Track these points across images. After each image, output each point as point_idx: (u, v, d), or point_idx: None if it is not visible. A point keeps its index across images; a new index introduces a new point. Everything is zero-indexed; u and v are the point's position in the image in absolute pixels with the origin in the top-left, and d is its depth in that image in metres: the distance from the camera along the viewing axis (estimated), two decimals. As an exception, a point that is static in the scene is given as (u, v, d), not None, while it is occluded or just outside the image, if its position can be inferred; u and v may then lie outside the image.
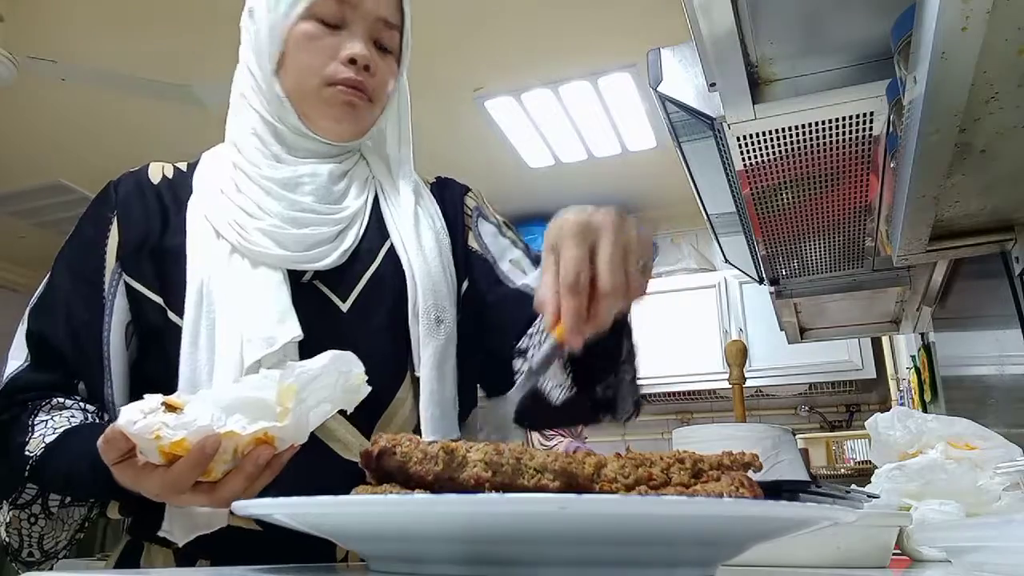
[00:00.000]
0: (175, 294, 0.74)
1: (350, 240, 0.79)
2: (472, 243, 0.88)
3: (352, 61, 0.78)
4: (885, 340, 3.43)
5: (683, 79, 1.20)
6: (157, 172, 0.85)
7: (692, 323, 3.80)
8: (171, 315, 0.74)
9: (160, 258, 0.77)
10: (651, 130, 3.52)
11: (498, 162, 3.77)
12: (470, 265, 0.87)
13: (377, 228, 0.83)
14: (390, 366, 0.76)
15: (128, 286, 0.77)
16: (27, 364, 0.75)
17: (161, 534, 0.68)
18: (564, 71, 3.11)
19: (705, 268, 4.02)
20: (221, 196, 0.78)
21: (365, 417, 0.71)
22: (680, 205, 4.10)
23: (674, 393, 3.86)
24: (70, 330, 0.76)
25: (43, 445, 0.68)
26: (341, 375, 0.58)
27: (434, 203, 0.88)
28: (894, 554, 0.76)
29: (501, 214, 0.94)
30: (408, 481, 0.41)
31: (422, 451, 0.40)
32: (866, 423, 1.03)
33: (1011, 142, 0.84)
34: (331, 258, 0.77)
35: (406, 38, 0.87)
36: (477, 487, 0.37)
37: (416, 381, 0.76)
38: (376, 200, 0.85)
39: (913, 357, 2.58)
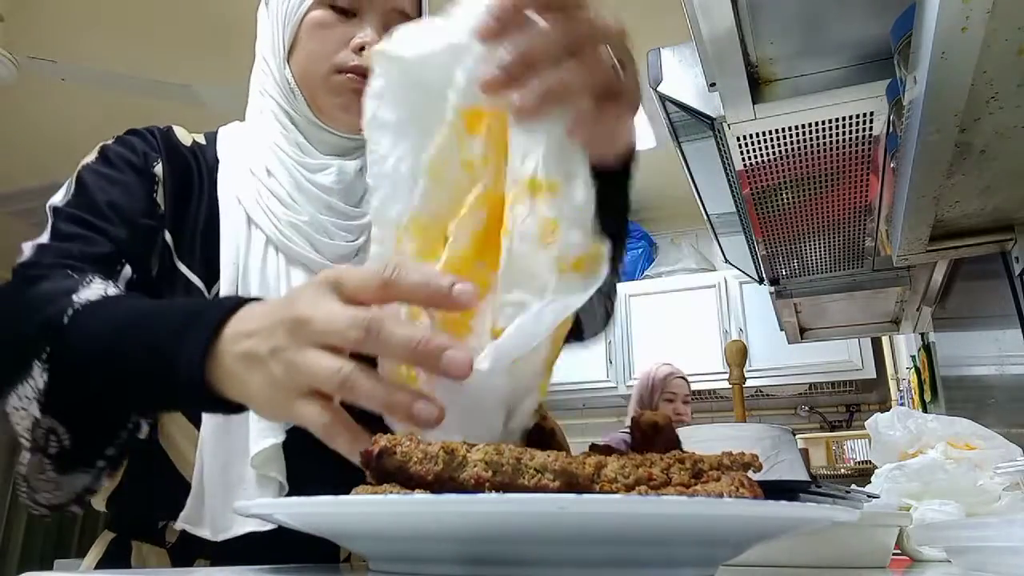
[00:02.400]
0: (204, 266, 0.71)
1: (365, 251, 0.78)
2: None
3: (362, 49, 0.75)
4: (885, 340, 3.44)
5: (683, 79, 1.20)
6: (185, 136, 0.82)
7: (692, 323, 3.80)
8: (194, 283, 0.71)
9: (193, 224, 0.74)
10: (651, 130, 3.52)
11: (498, 162, 3.77)
12: None
13: None
14: None
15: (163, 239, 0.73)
16: (54, 238, 0.65)
17: (181, 526, 0.64)
18: (564, 71, 3.11)
19: (705, 268, 4.02)
20: (252, 177, 0.75)
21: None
22: (680, 205, 4.10)
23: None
24: (119, 214, 0.68)
25: (90, 298, 0.55)
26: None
27: None
28: (894, 554, 0.76)
29: None
30: (408, 481, 0.40)
31: (422, 451, 0.40)
32: (866, 423, 1.03)
33: (1011, 142, 0.84)
34: (364, 260, 0.76)
35: None
36: (477, 487, 0.37)
37: None
38: None
39: (913, 357, 2.58)
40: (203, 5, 2.67)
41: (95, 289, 0.57)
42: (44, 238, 0.67)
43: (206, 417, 0.66)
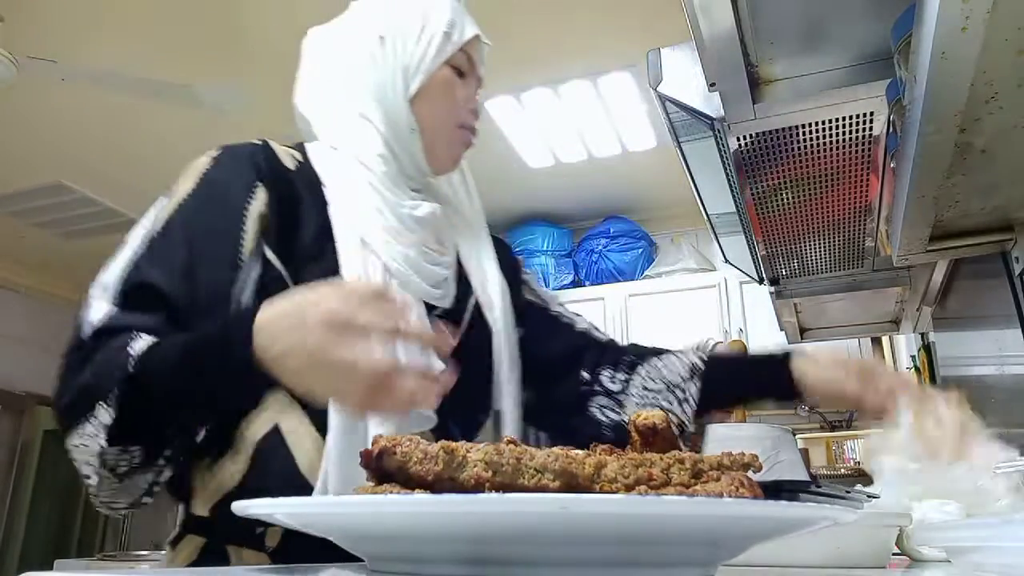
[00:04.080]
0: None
1: (453, 285, 0.86)
2: (528, 295, 1.00)
3: (475, 112, 0.91)
4: (885, 340, 3.43)
5: (683, 79, 1.20)
6: (287, 157, 0.84)
7: (692, 323, 3.80)
8: None
9: (301, 248, 0.78)
10: (651, 130, 3.52)
11: (498, 162, 3.77)
12: (525, 315, 0.97)
13: (457, 273, 0.89)
14: (481, 401, 0.86)
15: (266, 259, 0.76)
16: (119, 308, 0.70)
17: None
18: (564, 71, 3.11)
19: (705, 268, 4.01)
20: (363, 207, 0.80)
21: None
22: (680, 205, 4.10)
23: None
24: (188, 280, 0.72)
25: (148, 344, 0.64)
26: None
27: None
28: (894, 554, 0.76)
29: (501, 214, 1.09)
30: (408, 481, 0.41)
31: (422, 451, 0.40)
32: (873, 470, 1.03)
33: (1011, 142, 0.84)
34: (448, 299, 0.85)
35: None
36: (477, 487, 0.37)
37: (496, 413, 0.87)
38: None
39: (913, 357, 2.58)
40: (203, 5, 2.67)
41: (145, 339, 0.66)
42: (112, 301, 0.71)
43: (332, 420, 0.71)
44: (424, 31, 0.87)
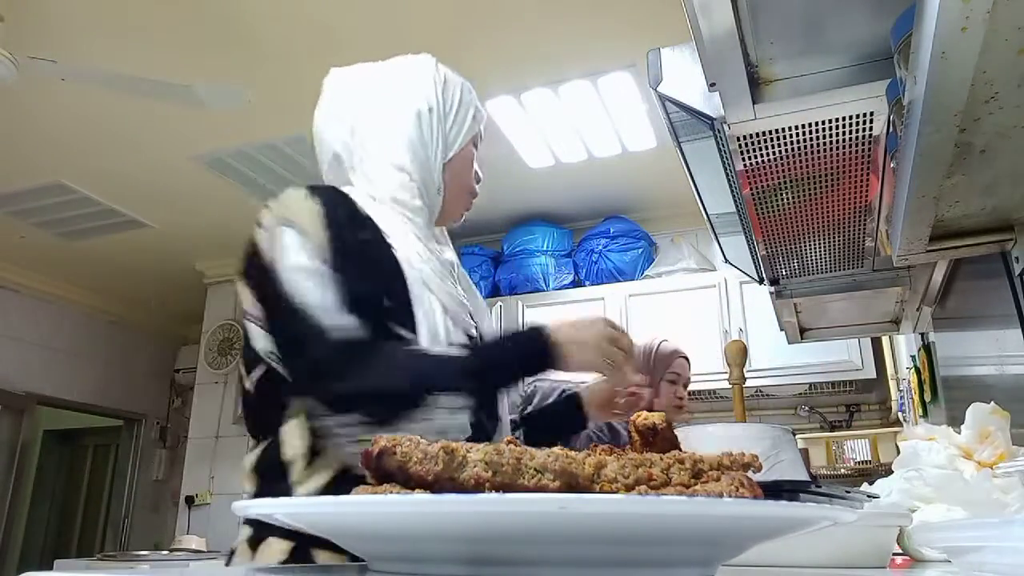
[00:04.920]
0: (403, 326, 0.90)
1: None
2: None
3: (479, 179, 1.12)
4: (885, 340, 3.43)
5: (683, 79, 1.19)
6: (361, 201, 0.97)
7: (692, 323, 3.80)
8: (407, 337, 0.90)
9: (387, 287, 0.92)
10: (651, 130, 3.52)
11: (498, 162, 3.77)
12: None
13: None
14: (491, 410, 1.01)
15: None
16: (358, 321, 0.85)
17: None
18: (564, 71, 3.11)
19: (705, 268, 4.01)
20: (415, 256, 0.95)
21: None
22: (680, 205, 4.10)
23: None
24: (373, 296, 0.89)
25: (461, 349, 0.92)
26: None
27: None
28: (894, 554, 0.76)
29: (501, 214, 1.30)
30: (408, 481, 0.40)
31: (422, 451, 0.40)
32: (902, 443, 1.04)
33: (1011, 142, 0.84)
34: (472, 327, 1.01)
35: None
36: (477, 487, 0.37)
37: (498, 420, 1.03)
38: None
39: (913, 357, 2.58)
40: (203, 5, 2.67)
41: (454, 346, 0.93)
42: (342, 317, 0.85)
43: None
44: (461, 110, 1.07)
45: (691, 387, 3.76)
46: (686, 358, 2.44)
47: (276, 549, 0.77)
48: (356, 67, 1.09)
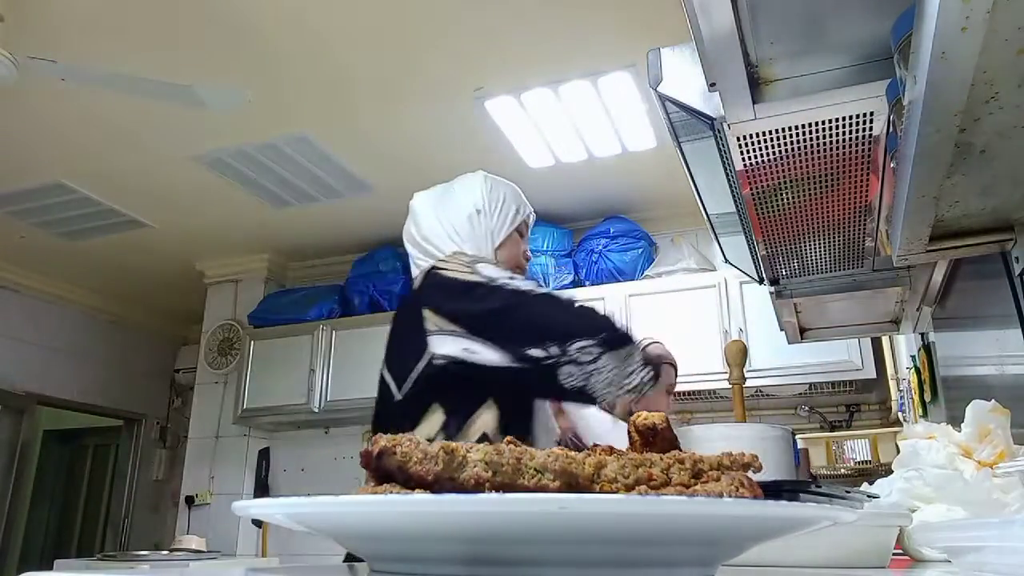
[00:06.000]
0: None
1: None
2: None
3: (528, 257, 1.55)
4: (885, 340, 3.43)
5: (683, 79, 1.19)
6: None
7: (692, 323, 3.80)
8: None
9: None
10: (651, 130, 3.52)
11: (498, 162, 3.77)
12: None
13: None
14: None
15: None
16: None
17: None
18: (564, 71, 3.11)
19: (705, 268, 4.01)
20: None
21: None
22: (680, 205, 4.10)
23: (674, 393, 3.85)
24: None
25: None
26: None
27: None
28: (894, 554, 0.76)
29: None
30: (408, 481, 0.40)
31: (422, 451, 0.40)
32: (901, 443, 1.04)
33: (1011, 142, 0.84)
34: None
35: None
36: (477, 487, 0.37)
37: None
38: None
39: (913, 357, 2.58)
40: (203, 5, 2.67)
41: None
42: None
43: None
44: (504, 208, 1.48)
45: (691, 388, 3.78)
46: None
47: None
48: (434, 189, 1.53)
